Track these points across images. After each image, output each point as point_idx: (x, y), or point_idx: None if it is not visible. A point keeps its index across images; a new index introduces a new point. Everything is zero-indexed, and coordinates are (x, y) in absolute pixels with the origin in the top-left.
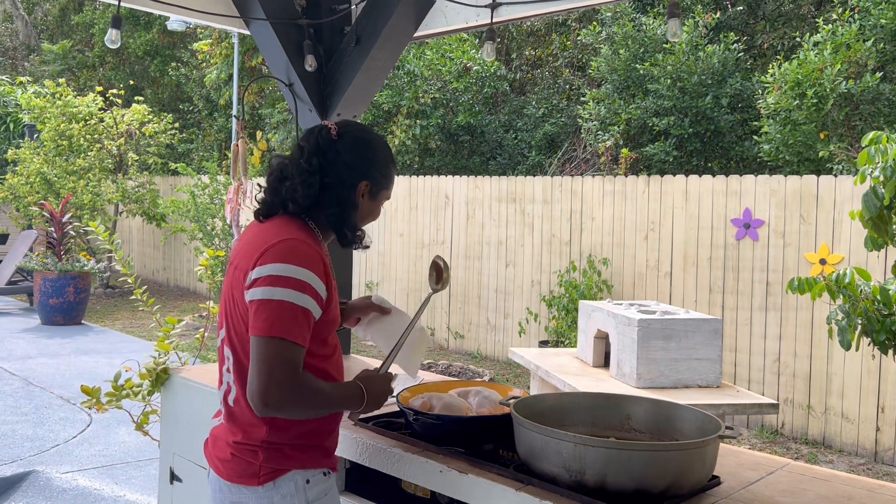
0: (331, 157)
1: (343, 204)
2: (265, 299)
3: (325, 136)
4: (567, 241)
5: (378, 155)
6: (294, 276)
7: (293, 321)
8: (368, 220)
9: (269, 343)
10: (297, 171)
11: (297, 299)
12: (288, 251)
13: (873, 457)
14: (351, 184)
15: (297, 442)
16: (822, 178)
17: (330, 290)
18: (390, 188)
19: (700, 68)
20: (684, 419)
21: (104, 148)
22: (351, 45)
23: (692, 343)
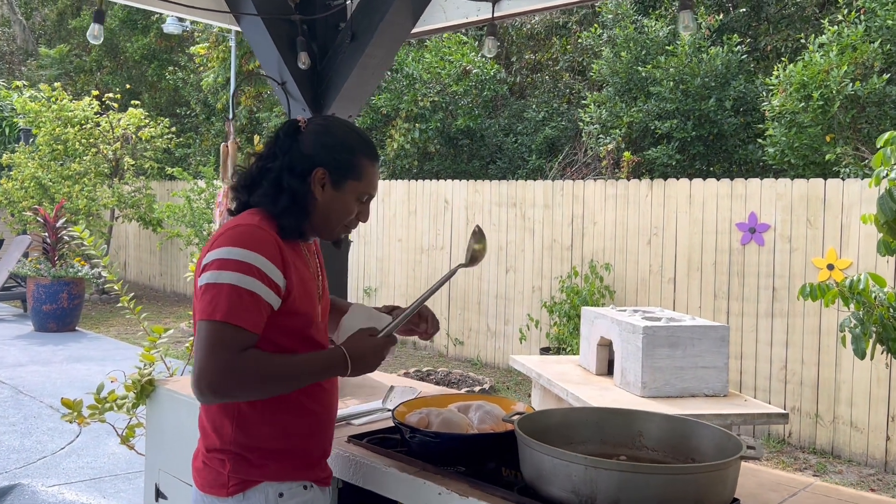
0: (287, 146)
1: (293, 194)
2: (210, 283)
3: (290, 127)
4: (568, 247)
5: (335, 140)
6: (241, 259)
7: (238, 305)
8: (341, 215)
9: (209, 326)
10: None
11: (242, 282)
12: (238, 235)
13: (883, 467)
14: (302, 171)
15: (267, 447)
16: (829, 182)
17: (291, 279)
18: (363, 178)
19: (703, 70)
20: (701, 436)
21: (100, 152)
22: (346, 41)
23: (698, 350)
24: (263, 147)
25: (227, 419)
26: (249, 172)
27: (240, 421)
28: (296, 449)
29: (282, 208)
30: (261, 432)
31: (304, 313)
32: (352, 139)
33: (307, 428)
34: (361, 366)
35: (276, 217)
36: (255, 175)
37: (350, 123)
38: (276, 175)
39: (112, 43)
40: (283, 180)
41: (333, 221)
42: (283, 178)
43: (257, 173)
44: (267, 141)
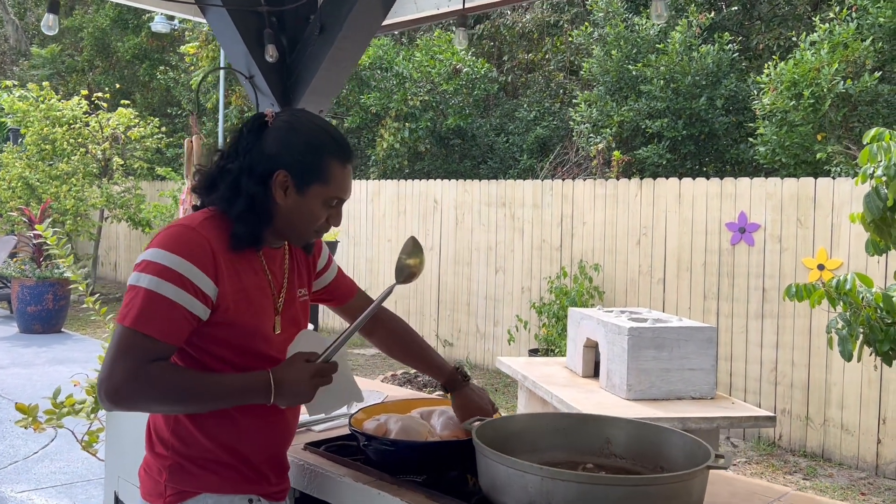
0: (249, 144)
1: (251, 199)
2: (132, 284)
3: (255, 122)
4: (558, 247)
5: (300, 139)
6: (165, 264)
7: (150, 312)
8: (306, 221)
9: (120, 331)
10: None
11: (161, 288)
12: (169, 237)
13: (874, 470)
14: (262, 173)
15: (206, 457)
16: (819, 181)
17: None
18: (331, 182)
19: (694, 69)
20: (671, 444)
21: (88, 152)
22: (314, 34)
23: (685, 352)
24: (228, 143)
25: (166, 427)
26: (210, 172)
27: (178, 429)
28: (239, 461)
29: (237, 214)
30: (200, 442)
31: (245, 325)
32: (319, 138)
33: (251, 441)
34: (289, 394)
35: (233, 222)
36: (215, 175)
37: (320, 119)
38: (235, 177)
39: (104, 43)
40: (242, 183)
41: (298, 228)
42: (241, 180)
43: (217, 173)
44: (230, 136)
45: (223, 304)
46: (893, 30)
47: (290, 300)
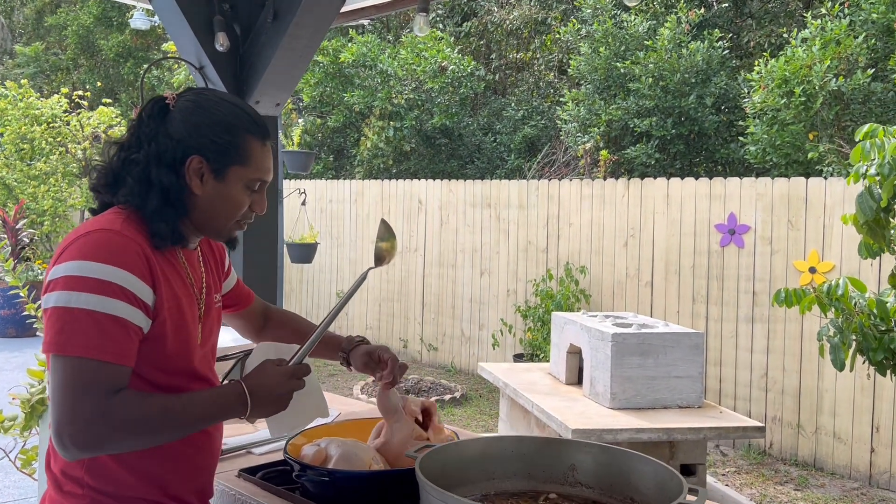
0: (153, 131)
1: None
2: (56, 307)
3: (155, 105)
4: (544, 249)
5: (210, 117)
6: (97, 277)
7: (99, 334)
8: (229, 210)
9: (65, 364)
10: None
11: (103, 305)
12: (91, 245)
13: (868, 480)
14: (173, 160)
15: (128, 494)
16: (811, 181)
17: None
18: (251, 162)
19: (683, 66)
20: (641, 473)
21: (68, 152)
22: (267, 21)
23: (671, 359)
24: (126, 133)
25: (78, 463)
26: (111, 167)
27: (93, 465)
28: (164, 494)
29: (153, 209)
30: (120, 478)
31: (178, 338)
32: (231, 115)
33: (177, 468)
34: (266, 403)
35: (149, 220)
36: (118, 169)
37: (229, 95)
38: (143, 168)
39: (88, 41)
40: (152, 174)
41: (221, 219)
42: (150, 171)
43: (119, 167)
44: (129, 125)
45: (160, 315)
46: (887, 26)
47: (208, 307)
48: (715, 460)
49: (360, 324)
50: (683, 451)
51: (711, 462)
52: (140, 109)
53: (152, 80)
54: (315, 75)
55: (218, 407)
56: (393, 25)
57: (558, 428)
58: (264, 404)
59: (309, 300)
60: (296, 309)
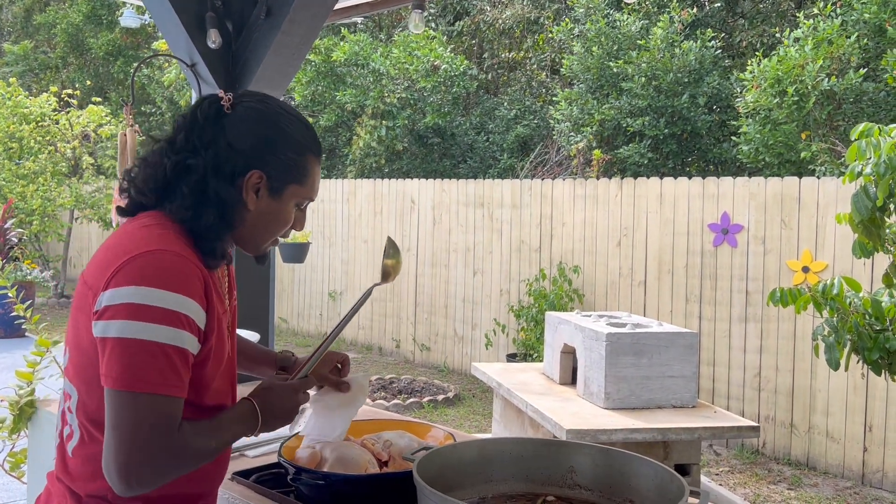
0: (210, 134)
1: (221, 204)
2: (121, 338)
3: (210, 106)
4: (537, 248)
5: (277, 132)
6: (160, 305)
7: (167, 368)
8: (274, 227)
9: (130, 401)
10: (155, 149)
11: (166, 336)
12: (153, 268)
13: (860, 479)
14: (232, 173)
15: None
16: (804, 180)
17: (212, 320)
18: (307, 182)
19: (676, 66)
20: (641, 475)
21: (58, 151)
22: (260, 18)
23: (665, 359)
24: (174, 130)
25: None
26: (161, 168)
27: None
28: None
29: (208, 226)
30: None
31: (216, 361)
32: (298, 132)
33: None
34: (273, 418)
35: (198, 235)
36: (169, 173)
37: (289, 106)
38: (200, 178)
39: (77, 39)
40: (209, 186)
41: (266, 235)
42: (208, 182)
43: (172, 172)
44: (178, 122)
45: (208, 339)
46: (878, 26)
47: (233, 315)
48: (709, 460)
49: (352, 324)
50: (678, 451)
51: (705, 462)
52: (194, 107)
53: (143, 78)
54: (307, 74)
55: (239, 427)
56: (385, 24)
57: (552, 428)
58: (272, 420)
59: (300, 300)
60: (287, 308)
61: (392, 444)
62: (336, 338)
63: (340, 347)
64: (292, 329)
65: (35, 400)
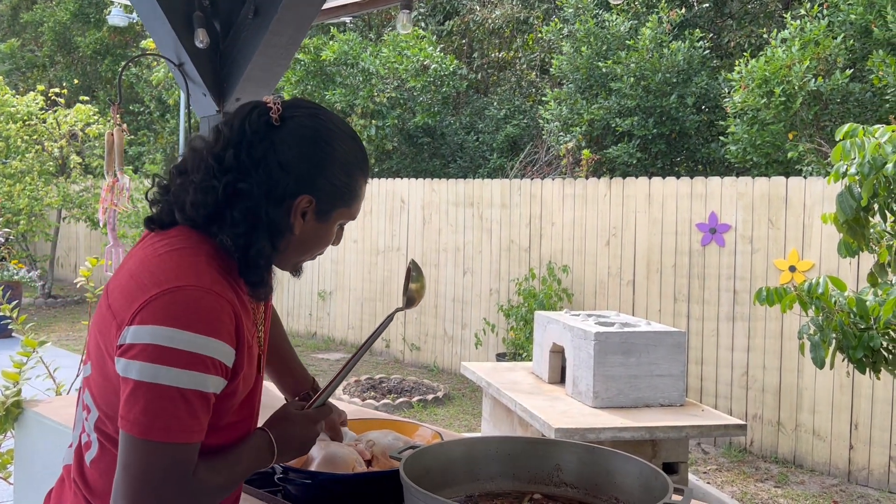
0: (260, 152)
1: (263, 224)
2: (141, 381)
3: (259, 118)
4: (526, 248)
5: (332, 156)
6: (186, 349)
7: (187, 415)
8: (315, 249)
9: (146, 448)
10: (200, 164)
11: (189, 381)
12: (182, 308)
13: (846, 477)
14: (282, 195)
15: None
16: (791, 180)
17: (242, 356)
18: (355, 205)
19: (664, 66)
20: (626, 472)
21: (45, 150)
22: (248, 17)
23: (653, 358)
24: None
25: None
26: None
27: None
28: None
29: (257, 252)
30: None
31: (245, 385)
32: (351, 154)
33: None
34: (290, 449)
35: (249, 264)
36: (221, 198)
37: (342, 123)
38: (255, 203)
39: (64, 37)
40: (262, 211)
41: (308, 256)
42: (261, 207)
43: (223, 196)
44: (224, 134)
45: (237, 375)
46: (864, 27)
47: (265, 342)
48: (696, 458)
49: (342, 324)
50: (666, 449)
51: (693, 460)
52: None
53: (131, 77)
54: (296, 73)
55: (255, 459)
56: (375, 24)
57: (541, 427)
58: (288, 451)
59: (290, 299)
60: (277, 308)
61: (375, 443)
62: (355, 365)
63: (330, 347)
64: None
65: (21, 400)
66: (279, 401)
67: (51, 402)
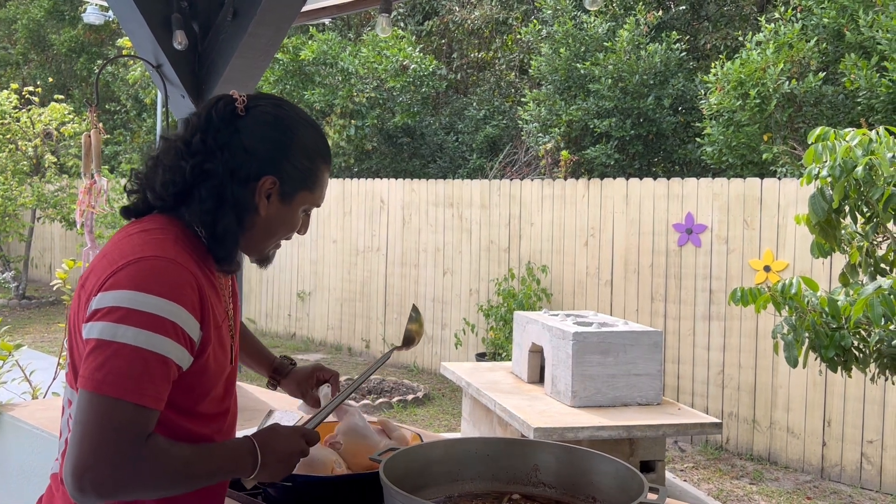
0: (225, 136)
1: (229, 203)
2: (103, 340)
3: (225, 107)
4: (506, 248)
5: (292, 139)
6: (152, 312)
7: (142, 374)
8: (280, 232)
9: (98, 403)
10: (170, 150)
11: (151, 343)
12: (145, 274)
13: (819, 473)
14: (246, 177)
15: None
16: (765, 181)
17: (208, 330)
18: (318, 190)
19: (642, 68)
20: (603, 472)
21: (19, 149)
22: (227, 19)
23: (631, 357)
24: (184, 130)
25: None
26: (181, 174)
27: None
28: None
29: (224, 230)
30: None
31: (216, 369)
32: (312, 140)
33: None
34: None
35: (217, 240)
36: (189, 179)
37: (304, 113)
38: (219, 182)
39: (39, 35)
40: (227, 190)
41: (271, 240)
42: (226, 187)
43: (191, 176)
44: (192, 122)
45: (203, 353)
46: (837, 31)
47: (236, 323)
48: (673, 456)
49: (321, 324)
50: (643, 447)
51: (670, 458)
52: (207, 107)
53: (107, 76)
54: (275, 73)
55: (231, 462)
56: (354, 23)
57: (520, 427)
58: (274, 464)
59: (269, 300)
60: (255, 309)
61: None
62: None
63: (310, 348)
64: (260, 330)
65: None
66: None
67: (27, 405)
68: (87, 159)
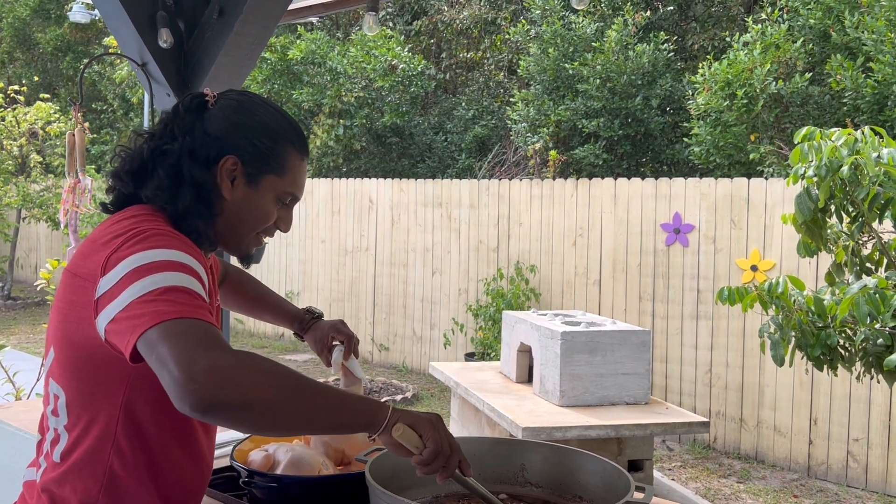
0: (189, 124)
1: (197, 187)
2: (135, 300)
3: (192, 101)
4: (495, 248)
5: (252, 120)
6: (163, 259)
7: (188, 299)
8: (252, 221)
9: (170, 326)
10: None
11: (176, 280)
12: (149, 238)
13: (806, 472)
14: (207, 157)
15: None
16: (752, 181)
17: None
18: (287, 174)
19: (630, 68)
20: (589, 471)
21: (3, 149)
22: (213, 17)
23: (619, 357)
24: (157, 123)
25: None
26: (138, 154)
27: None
28: None
29: (185, 208)
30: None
31: None
32: (274, 121)
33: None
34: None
35: (178, 219)
36: (146, 158)
37: (272, 102)
38: (175, 160)
39: (24, 33)
40: (184, 168)
41: (245, 228)
42: (182, 164)
43: (149, 156)
44: (161, 117)
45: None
46: (823, 32)
47: (217, 318)
48: (661, 455)
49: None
50: (631, 447)
51: (658, 457)
52: (177, 102)
53: (93, 74)
54: (263, 72)
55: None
56: (342, 23)
57: (509, 427)
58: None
59: None
60: None
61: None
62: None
63: (298, 347)
64: (249, 330)
65: None
66: None
67: (10, 406)
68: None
